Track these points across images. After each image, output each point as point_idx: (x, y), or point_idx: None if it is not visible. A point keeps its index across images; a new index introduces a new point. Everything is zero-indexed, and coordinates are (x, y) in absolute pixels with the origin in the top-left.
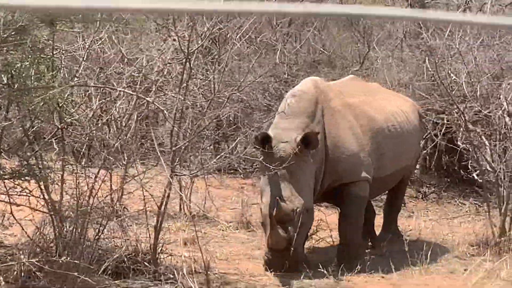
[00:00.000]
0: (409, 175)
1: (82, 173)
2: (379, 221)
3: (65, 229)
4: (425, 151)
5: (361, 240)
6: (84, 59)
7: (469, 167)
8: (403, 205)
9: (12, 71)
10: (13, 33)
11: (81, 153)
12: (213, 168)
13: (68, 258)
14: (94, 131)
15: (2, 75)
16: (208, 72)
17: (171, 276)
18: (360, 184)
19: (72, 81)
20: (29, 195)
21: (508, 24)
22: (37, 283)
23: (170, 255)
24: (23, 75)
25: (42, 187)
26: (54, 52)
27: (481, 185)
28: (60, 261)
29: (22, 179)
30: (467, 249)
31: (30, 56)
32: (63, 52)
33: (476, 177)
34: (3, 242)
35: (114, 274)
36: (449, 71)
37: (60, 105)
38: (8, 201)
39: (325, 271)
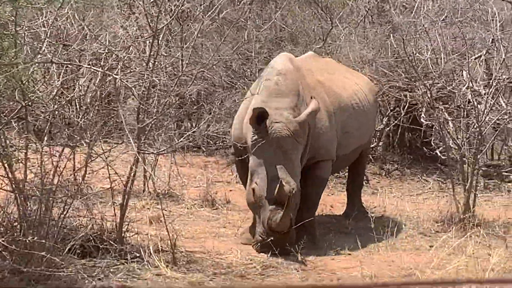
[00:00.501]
0: (367, 151)
1: (46, 152)
2: (343, 198)
3: (29, 208)
4: (388, 128)
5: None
6: (48, 36)
7: (432, 144)
8: (366, 182)
9: None
10: None
11: (44, 132)
12: (179, 146)
13: (33, 238)
14: (57, 109)
15: None
16: (171, 50)
17: (137, 254)
18: (325, 166)
19: (35, 58)
20: None
21: None
22: (2, 262)
23: (136, 234)
24: None
25: (6, 165)
26: (17, 29)
27: (444, 162)
28: (25, 241)
29: None
30: (432, 225)
31: None
32: (26, 28)
33: (439, 154)
34: None
35: (80, 253)
36: (413, 48)
37: (24, 82)
38: None
39: (292, 250)
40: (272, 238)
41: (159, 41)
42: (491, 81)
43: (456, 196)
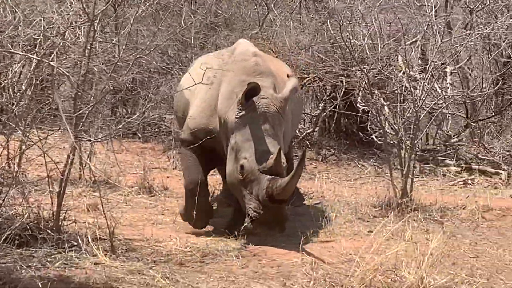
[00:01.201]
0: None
1: None
2: None
3: None
4: (324, 114)
5: None
6: None
7: (369, 129)
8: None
9: None
10: None
11: None
12: (118, 132)
13: None
14: None
15: None
16: (106, 36)
17: (75, 243)
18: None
19: None
20: None
21: None
22: None
23: (74, 222)
24: None
25: None
26: None
27: (380, 147)
28: None
29: None
30: (370, 210)
31: None
32: None
33: (375, 139)
34: None
35: (17, 243)
36: (349, 34)
37: None
38: None
39: (231, 236)
40: (268, 215)
41: (95, 27)
42: (427, 66)
43: (393, 181)
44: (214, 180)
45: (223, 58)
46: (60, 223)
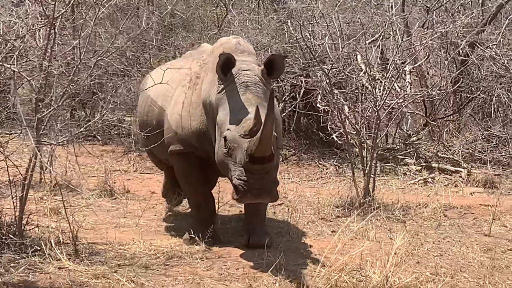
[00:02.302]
0: None
1: None
2: None
3: None
4: (284, 114)
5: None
6: None
7: (329, 129)
8: None
9: None
10: None
11: None
12: (81, 135)
13: None
14: None
15: None
16: (63, 38)
17: (38, 248)
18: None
19: None
20: None
21: None
22: None
23: (36, 227)
24: None
25: None
26: None
27: (340, 146)
28: None
29: None
30: (333, 210)
31: None
32: None
33: (335, 139)
34: None
35: None
36: (309, 34)
37: None
38: None
39: (196, 238)
40: (253, 181)
41: (56, 30)
42: (387, 65)
43: (355, 181)
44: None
45: (202, 58)
46: (22, 228)
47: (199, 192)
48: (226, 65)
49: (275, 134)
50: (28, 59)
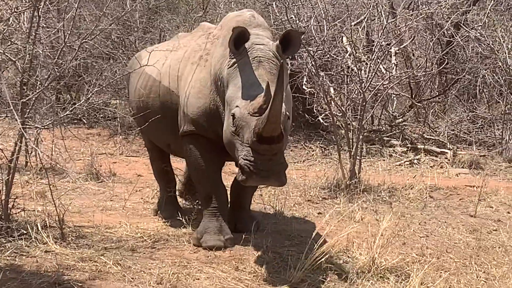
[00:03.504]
0: None
1: None
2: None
3: None
4: None
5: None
6: None
7: (314, 111)
8: None
9: None
10: None
11: None
12: (66, 119)
13: None
14: None
15: None
16: (47, 21)
17: (24, 231)
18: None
19: None
20: None
21: None
22: None
23: (23, 210)
24: None
25: None
26: None
27: (326, 128)
28: None
29: None
30: (319, 192)
31: None
32: None
33: (321, 121)
34: None
35: None
36: (294, 15)
37: None
38: None
39: (183, 220)
40: (260, 163)
41: (39, 13)
42: (372, 47)
43: (342, 163)
44: None
45: (212, 34)
46: (8, 211)
47: (209, 180)
48: (239, 38)
49: (288, 113)
50: (13, 42)
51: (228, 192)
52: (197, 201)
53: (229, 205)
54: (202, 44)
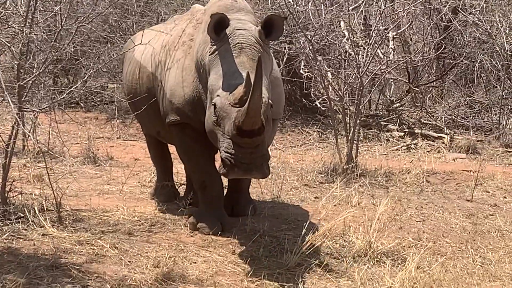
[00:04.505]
0: None
1: None
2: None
3: None
4: None
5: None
6: None
7: (312, 95)
8: None
9: None
10: None
11: None
12: (63, 102)
13: None
14: None
15: None
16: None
17: (22, 215)
18: (274, 127)
19: None
20: None
21: None
22: None
23: (20, 194)
24: None
25: None
26: None
27: (323, 113)
28: None
29: None
30: (316, 177)
31: None
32: None
33: (319, 105)
34: None
35: None
36: (292, 0)
37: None
38: None
39: (180, 204)
40: (242, 155)
41: None
42: (370, 32)
43: (339, 147)
44: None
45: (196, 18)
46: (6, 195)
47: (202, 170)
48: (218, 25)
49: (271, 102)
50: (9, 26)
51: None
52: None
53: (226, 188)
54: (187, 29)
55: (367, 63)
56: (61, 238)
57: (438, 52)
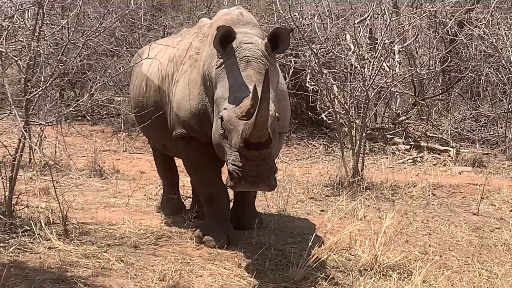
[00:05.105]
0: None
1: None
2: None
3: None
4: None
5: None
6: None
7: (318, 108)
8: None
9: None
10: None
11: None
12: (70, 115)
13: None
14: None
15: None
16: (51, 18)
17: (28, 228)
18: (281, 140)
19: None
20: None
21: None
22: None
23: (26, 207)
24: None
25: None
26: None
27: (329, 126)
28: None
29: None
30: (322, 190)
31: None
32: None
33: (324, 118)
34: None
35: None
36: (298, 14)
37: None
38: None
39: (186, 217)
40: (249, 168)
41: (44, 10)
42: (376, 45)
43: (345, 160)
44: None
45: (202, 32)
46: (12, 208)
47: (208, 182)
48: (225, 38)
49: (277, 114)
50: (17, 39)
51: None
52: None
53: (232, 201)
54: (193, 43)
55: (373, 76)
56: (67, 251)
57: (444, 66)
